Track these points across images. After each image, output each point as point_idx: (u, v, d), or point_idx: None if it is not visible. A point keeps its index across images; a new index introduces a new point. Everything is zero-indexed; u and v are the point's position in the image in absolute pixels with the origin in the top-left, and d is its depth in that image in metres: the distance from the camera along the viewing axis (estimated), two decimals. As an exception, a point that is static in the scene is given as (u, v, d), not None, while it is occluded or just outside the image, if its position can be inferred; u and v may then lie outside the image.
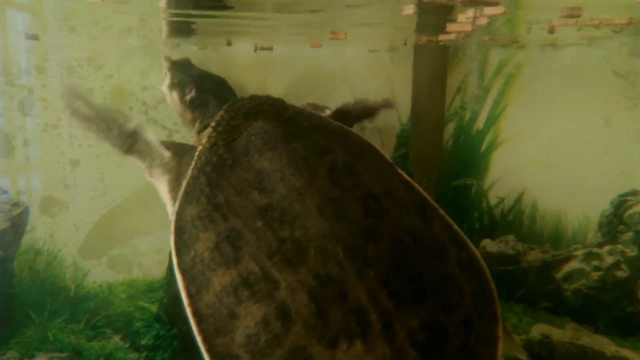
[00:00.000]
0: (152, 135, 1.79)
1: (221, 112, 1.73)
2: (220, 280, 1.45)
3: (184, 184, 1.61)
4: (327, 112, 1.99)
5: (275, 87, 2.33)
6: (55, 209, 2.25)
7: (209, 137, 1.68)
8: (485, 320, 1.47)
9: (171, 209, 1.66)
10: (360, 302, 1.35)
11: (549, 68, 2.27)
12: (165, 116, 2.28)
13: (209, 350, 1.38)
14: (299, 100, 2.31)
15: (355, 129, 1.94)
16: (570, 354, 2.20)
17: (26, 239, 2.25)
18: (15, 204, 2.23)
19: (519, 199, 2.37)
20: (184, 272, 1.50)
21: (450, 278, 1.47)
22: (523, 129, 2.33)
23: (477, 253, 1.56)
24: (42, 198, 2.24)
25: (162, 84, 2.04)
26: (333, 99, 2.36)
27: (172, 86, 2.02)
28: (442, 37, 2.11)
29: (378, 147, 2.41)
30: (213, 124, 1.71)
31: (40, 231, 2.26)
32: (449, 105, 2.34)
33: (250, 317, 1.39)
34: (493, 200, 2.39)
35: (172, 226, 1.57)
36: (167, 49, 2.33)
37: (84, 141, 2.23)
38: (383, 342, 1.32)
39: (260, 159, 1.59)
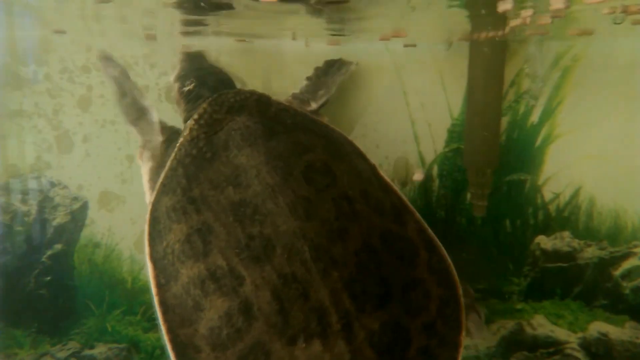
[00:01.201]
0: (156, 118, 1.90)
1: (204, 105, 1.74)
2: (188, 272, 1.47)
3: (162, 174, 1.65)
4: (313, 105, 2.00)
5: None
6: (113, 204, 2.31)
7: (191, 129, 1.70)
8: (449, 326, 1.49)
9: (149, 198, 1.69)
10: (322, 302, 1.37)
11: (607, 60, 2.21)
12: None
13: (172, 340, 1.42)
14: (344, 94, 2.32)
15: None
16: (629, 352, 2.15)
17: (85, 233, 2.32)
18: (75, 199, 2.30)
19: (575, 195, 2.32)
20: (154, 262, 1.53)
21: (417, 282, 1.50)
22: (580, 122, 2.28)
23: (448, 259, 1.60)
24: (100, 193, 2.30)
25: (172, 75, 2.08)
26: (382, 94, 2.35)
27: (177, 78, 2.05)
28: (498, 34, 2.09)
29: (428, 141, 2.43)
30: (195, 116, 1.73)
31: (98, 225, 2.32)
32: (503, 99, 2.30)
33: (214, 311, 1.42)
34: (548, 196, 2.35)
35: (147, 216, 1.61)
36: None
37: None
38: (342, 343, 1.34)
39: (239, 154, 1.61)
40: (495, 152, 2.24)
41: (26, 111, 2.23)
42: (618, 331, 2.19)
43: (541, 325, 2.25)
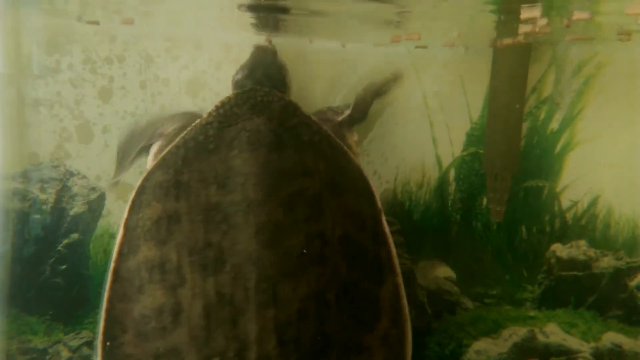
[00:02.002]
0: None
1: (231, 95, 1.71)
2: (146, 253, 1.47)
3: (167, 148, 1.63)
4: (347, 112, 1.90)
5: (344, 82, 2.33)
6: (130, 195, 2.32)
7: (209, 114, 1.67)
8: None
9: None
10: (248, 336, 1.32)
11: (631, 68, 2.19)
12: (237, 108, 2.32)
13: (107, 310, 1.43)
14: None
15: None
16: (642, 365, 2.14)
17: (102, 223, 2.33)
18: (93, 189, 2.32)
19: (593, 203, 2.30)
20: (126, 229, 1.53)
21: (363, 349, 1.41)
22: (601, 130, 2.26)
23: (410, 338, 1.51)
24: (118, 184, 2.31)
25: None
26: (401, 95, 2.35)
27: (238, 68, 2.02)
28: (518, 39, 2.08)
29: (446, 144, 2.42)
30: (218, 103, 1.69)
31: (115, 216, 2.33)
32: (524, 105, 2.29)
33: (151, 300, 1.41)
34: (565, 204, 2.33)
35: (138, 183, 1.61)
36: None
37: (160, 130, 2.29)
38: None
39: (238, 156, 1.55)
40: (515, 157, 2.23)
41: (48, 100, 2.24)
42: (632, 343, 2.17)
43: (554, 333, 2.23)
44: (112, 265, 1.49)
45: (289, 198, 1.47)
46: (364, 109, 1.93)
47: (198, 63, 2.30)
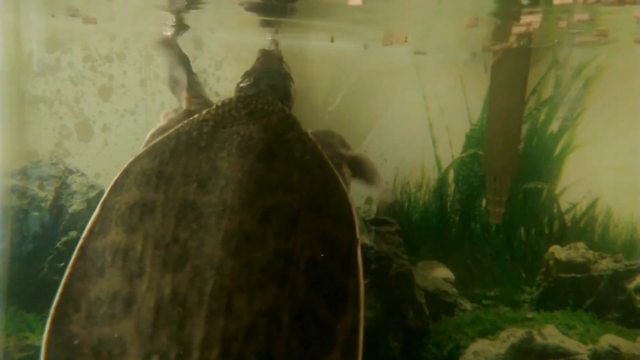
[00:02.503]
0: (186, 90, 1.90)
1: (232, 97, 1.68)
2: (114, 236, 1.45)
3: (159, 138, 1.59)
4: (352, 153, 1.84)
5: (345, 81, 2.33)
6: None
7: (207, 112, 1.64)
8: None
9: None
10: (192, 341, 1.30)
11: (630, 72, 2.20)
12: (237, 107, 2.32)
13: (65, 286, 1.41)
14: (364, 95, 2.32)
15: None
16: (640, 367, 2.14)
17: (100, 221, 2.33)
18: (92, 187, 2.31)
19: (592, 206, 2.31)
20: (102, 208, 1.50)
21: None
22: (600, 133, 2.27)
23: None
24: (117, 182, 2.32)
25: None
26: (401, 96, 2.36)
27: (244, 74, 2.00)
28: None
29: (446, 145, 2.42)
30: (219, 103, 1.66)
31: (113, 214, 2.33)
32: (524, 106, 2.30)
33: (108, 284, 1.40)
34: (564, 206, 2.34)
35: (126, 164, 1.56)
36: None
37: (159, 128, 2.29)
38: None
39: (225, 158, 1.53)
40: (515, 159, 2.23)
41: (48, 97, 2.25)
42: (629, 345, 2.17)
43: (552, 335, 2.23)
44: (80, 242, 1.46)
45: (264, 210, 1.44)
46: (362, 170, 1.86)
47: (198, 62, 2.30)
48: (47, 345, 1.41)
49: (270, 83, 1.93)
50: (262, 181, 1.48)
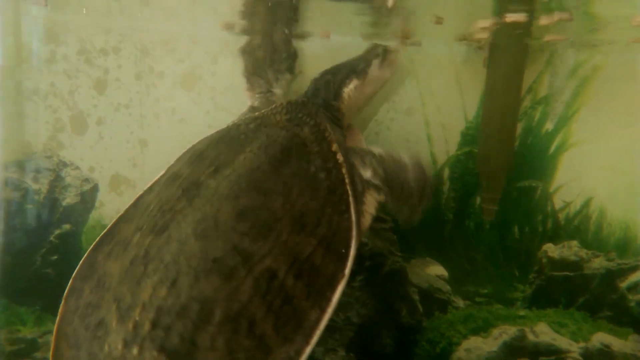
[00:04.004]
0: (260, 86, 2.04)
1: (284, 102, 1.75)
2: (151, 195, 1.62)
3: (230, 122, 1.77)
4: (377, 180, 1.71)
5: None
6: (123, 187, 2.31)
7: (263, 111, 1.73)
8: None
9: None
10: (138, 299, 1.33)
11: (627, 72, 2.20)
12: (232, 102, 2.31)
13: (87, 257, 1.57)
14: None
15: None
16: (631, 366, 2.14)
17: (94, 215, 2.33)
18: (86, 180, 2.31)
19: (586, 204, 2.31)
20: (166, 171, 1.69)
21: None
22: (595, 132, 2.27)
23: None
24: (111, 176, 2.31)
25: None
26: (397, 92, 2.35)
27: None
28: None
29: (441, 142, 2.42)
30: (273, 106, 1.76)
31: (107, 208, 2.33)
32: (519, 105, 2.30)
33: (126, 229, 1.54)
34: (558, 204, 2.34)
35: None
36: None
37: (154, 122, 2.28)
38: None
39: (245, 153, 1.56)
40: (509, 156, 2.24)
41: (42, 90, 2.23)
42: (621, 343, 2.18)
43: (544, 333, 2.24)
44: (114, 221, 1.62)
45: (245, 207, 1.42)
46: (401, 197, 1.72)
47: (194, 56, 2.30)
48: (81, 267, 1.56)
49: (328, 79, 1.90)
50: (260, 182, 1.48)
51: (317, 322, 1.35)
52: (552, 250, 2.34)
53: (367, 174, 1.68)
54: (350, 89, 1.87)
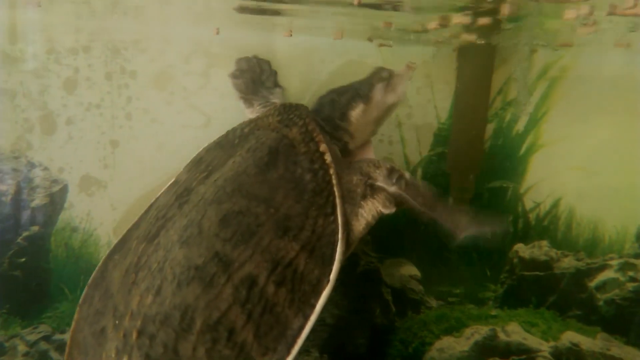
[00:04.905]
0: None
1: (278, 104, 1.75)
2: (156, 202, 1.64)
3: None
4: (395, 188, 1.65)
5: (315, 76, 2.32)
6: (94, 188, 2.28)
7: (259, 115, 1.74)
8: None
9: None
10: (129, 307, 1.36)
11: (595, 73, 2.23)
12: (206, 103, 2.29)
13: (106, 256, 1.59)
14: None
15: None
16: (599, 364, 2.18)
17: (63, 216, 2.29)
18: (55, 181, 2.28)
19: (555, 205, 2.34)
20: (175, 180, 1.67)
21: None
22: (564, 133, 2.30)
23: None
24: (81, 177, 2.28)
25: None
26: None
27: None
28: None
29: (414, 144, 2.43)
30: (265, 110, 1.76)
31: (77, 209, 2.29)
32: (490, 106, 2.32)
33: (134, 235, 1.56)
34: (529, 205, 2.37)
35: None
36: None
37: (125, 122, 2.25)
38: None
39: (234, 156, 1.56)
40: (479, 157, 2.26)
41: (10, 90, 2.20)
42: (589, 342, 2.21)
43: (515, 332, 2.26)
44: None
45: (228, 213, 1.40)
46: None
47: (166, 56, 2.28)
48: (94, 275, 1.56)
49: (333, 98, 1.83)
50: (245, 185, 1.46)
51: (300, 331, 1.33)
52: (522, 250, 2.37)
53: (379, 179, 1.62)
54: (357, 112, 1.80)
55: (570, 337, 2.23)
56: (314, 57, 2.26)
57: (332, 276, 1.39)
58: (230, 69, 2.16)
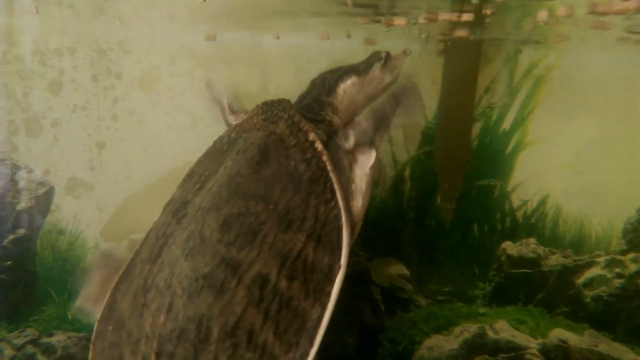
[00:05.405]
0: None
1: (258, 105, 1.67)
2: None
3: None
4: (351, 138, 1.63)
5: (301, 77, 2.32)
6: (80, 190, 2.28)
7: (245, 118, 1.67)
8: None
9: None
10: (142, 331, 1.33)
11: (580, 72, 2.25)
12: (191, 103, 2.29)
13: (104, 307, 1.47)
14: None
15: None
16: (587, 360, 2.18)
17: (50, 219, 2.27)
18: (41, 183, 2.25)
19: (542, 202, 2.35)
20: (170, 200, 1.57)
21: None
22: (550, 132, 2.31)
23: None
24: (67, 179, 2.27)
25: None
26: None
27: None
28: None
29: (402, 143, 2.43)
30: (252, 109, 1.68)
31: (64, 211, 2.29)
32: (477, 105, 2.33)
33: (138, 259, 1.47)
34: (516, 203, 2.38)
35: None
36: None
37: (111, 124, 2.25)
38: None
39: (225, 162, 1.53)
40: (466, 156, 2.26)
41: (-6, 92, 2.19)
42: (577, 339, 2.21)
43: (503, 330, 2.26)
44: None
45: (228, 217, 1.37)
46: (374, 129, 1.62)
47: (152, 57, 2.27)
48: (103, 309, 1.46)
49: (325, 77, 1.78)
50: (240, 187, 1.43)
51: (319, 321, 1.29)
52: (510, 248, 2.37)
53: (349, 143, 1.59)
54: (347, 84, 1.77)
55: (558, 334, 2.23)
56: (299, 57, 2.26)
57: (343, 261, 1.36)
58: (216, 69, 2.16)
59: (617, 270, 2.25)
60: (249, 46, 2.25)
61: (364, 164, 1.57)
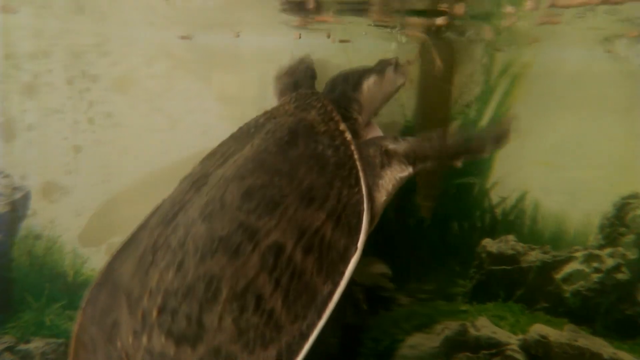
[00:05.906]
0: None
1: (294, 93, 1.76)
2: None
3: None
4: (403, 143, 1.71)
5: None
6: (57, 195, 2.25)
7: (274, 107, 1.74)
8: None
9: None
10: (146, 287, 1.34)
11: (556, 69, 2.26)
12: (171, 105, 2.27)
13: (100, 273, 1.52)
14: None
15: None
16: (567, 355, 2.21)
17: (26, 224, 2.25)
18: (17, 188, 2.23)
19: (520, 199, 2.36)
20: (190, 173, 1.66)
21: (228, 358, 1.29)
22: (527, 129, 2.31)
23: None
24: (43, 183, 2.24)
25: None
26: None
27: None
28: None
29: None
30: (284, 98, 1.78)
31: (40, 216, 2.25)
32: (454, 103, 2.34)
33: (148, 224, 1.54)
34: (495, 200, 2.39)
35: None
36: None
37: (88, 127, 2.22)
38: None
39: (252, 141, 1.57)
40: (444, 154, 2.27)
41: (-32, 96, 2.16)
42: (557, 334, 2.24)
43: (484, 326, 2.28)
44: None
45: (251, 186, 1.39)
46: (424, 154, 1.71)
47: (129, 59, 2.25)
48: (98, 276, 1.51)
49: (346, 74, 1.93)
50: (266, 162, 1.46)
51: (330, 296, 1.32)
52: (490, 245, 2.39)
53: (393, 145, 1.67)
54: (370, 82, 1.88)
55: (538, 329, 2.26)
56: (276, 56, 2.25)
57: (360, 244, 1.40)
58: (195, 71, 2.15)
59: (595, 265, 2.28)
60: (227, 46, 2.24)
61: (396, 171, 1.66)
